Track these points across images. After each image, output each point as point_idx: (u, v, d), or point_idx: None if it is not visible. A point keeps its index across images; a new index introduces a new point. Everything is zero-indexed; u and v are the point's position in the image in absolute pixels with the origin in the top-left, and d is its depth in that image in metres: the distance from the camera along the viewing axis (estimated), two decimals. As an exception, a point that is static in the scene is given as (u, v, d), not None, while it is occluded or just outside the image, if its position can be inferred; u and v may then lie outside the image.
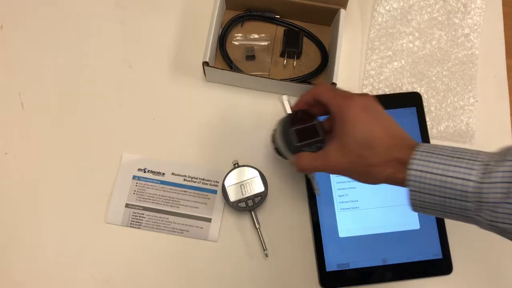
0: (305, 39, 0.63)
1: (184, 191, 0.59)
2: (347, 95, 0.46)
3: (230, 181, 0.56)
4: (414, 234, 0.57)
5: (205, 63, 0.57)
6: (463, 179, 0.37)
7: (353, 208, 0.58)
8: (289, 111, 0.58)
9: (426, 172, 0.39)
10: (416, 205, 0.41)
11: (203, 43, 0.59)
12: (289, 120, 0.49)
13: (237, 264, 0.57)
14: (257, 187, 0.56)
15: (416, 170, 0.39)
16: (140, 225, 0.58)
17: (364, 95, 0.46)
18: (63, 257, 0.57)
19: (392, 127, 0.44)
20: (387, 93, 0.63)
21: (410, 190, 0.40)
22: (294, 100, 0.57)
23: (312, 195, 0.58)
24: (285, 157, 0.52)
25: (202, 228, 0.58)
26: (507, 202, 0.36)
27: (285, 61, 0.63)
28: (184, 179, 0.59)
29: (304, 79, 0.62)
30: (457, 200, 0.38)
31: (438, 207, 0.40)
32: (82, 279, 0.56)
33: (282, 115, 0.61)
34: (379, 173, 0.42)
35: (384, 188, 0.57)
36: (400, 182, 0.41)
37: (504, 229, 0.37)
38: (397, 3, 0.66)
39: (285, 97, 0.59)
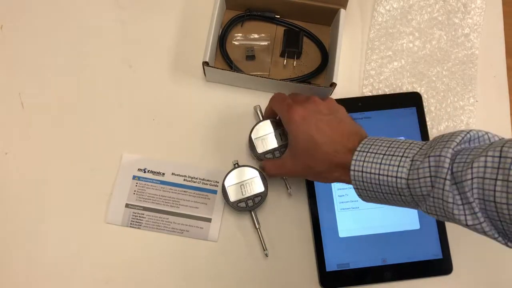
0: (305, 39, 0.63)
1: (184, 191, 0.59)
2: (290, 105, 0.49)
3: (230, 181, 0.56)
4: (414, 234, 0.57)
5: (205, 63, 0.57)
6: (395, 177, 0.40)
7: (353, 208, 0.58)
8: (261, 119, 0.59)
9: (364, 172, 0.42)
10: (363, 199, 0.45)
11: (203, 43, 0.59)
12: (253, 130, 0.57)
13: (237, 264, 0.57)
14: (257, 187, 0.56)
15: (354, 170, 0.42)
16: (140, 225, 0.58)
17: (306, 100, 0.49)
18: (63, 257, 0.57)
19: (332, 132, 0.46)
20: (387, 93, 0.63)
21: (355, 188, 0.43)
22: (264, 109, 0.60)
23: (312, 195, 0.58)
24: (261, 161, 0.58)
25: (202, 228, 0.58)
26: (432, 196, 0.38)
27: (285, 61, 0.63)
28: (184, 179, 0.59)
29: (304, 79, 0.62)
30: (396, 195, 0.41)
31: (383, 200, 0.43)
32: (82, 279, 0.56)
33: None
34: (328, 177, 0.47)
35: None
36: (348, 182, 0.44)
37: (437, 218, 0.40)
38: (397, 3, 0.66)
39: (257, 107, 0.59)
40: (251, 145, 0.57)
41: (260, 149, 0.57)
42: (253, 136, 0.57)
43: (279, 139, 0.57)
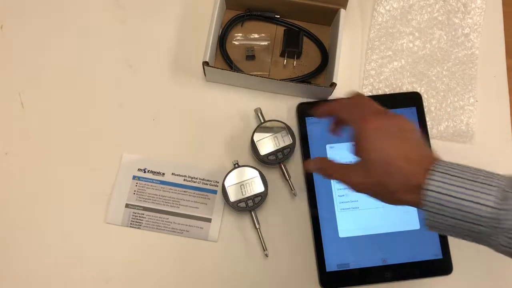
0: (305, 39, 0.63)
1: (184, 191, 0.59)
2: (362, 116, 0.45)
3: (230, 181, 0.56)
4: (414, 234, 0.57)
5: (205, 63, 0.57)
6: (480, 204, 0.38)
7: (353, 208, 0.58)
8: (262, 121, 0.59)
9: (443, 194, 0.39)
10: (431, 225, 0.41)
11: (203, 43, 0.59)
12: (255, 132, 0.57)
13: (237, 264, 0.57)
14: (257, 187, 0.56)
15: (432, 191, 0.39)
16: (140, 225, 0.58)
17: (380, 113, 0.46)
18: (63, 257, 0.57)
19: (408, 150, 0.42)
20: (387, 93, 0.63)
21: (427, 211, 0.40)
22: (265, 110, 0.60)
23: (312, 195, 0.58)
24: (265, 163, 0.58)
25: (202, 228, 0.58)
26: None
27: (285, 61, 0.63)
28: (184, 179, 0.59)
29: (304, 79, 0.62)
30: (472, 224, 0.39)
31: (452, 229, 0.40)
32: (82, 279, 0.56)
33: (282, 116, 0.62)
34: (401, 199, 0.42)
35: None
36: (420, 205, 0.41)
37: None
38: (397, 3, 0.66)
39: (258, 109, 0.59)
40: (253, 147, 0.57)
41: (262, 151, 0.57)
42: (255, 139, 0.57)
43: (281, 141, 0.57)
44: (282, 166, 0.58)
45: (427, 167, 0.40)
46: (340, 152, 0.59)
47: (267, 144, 0.57)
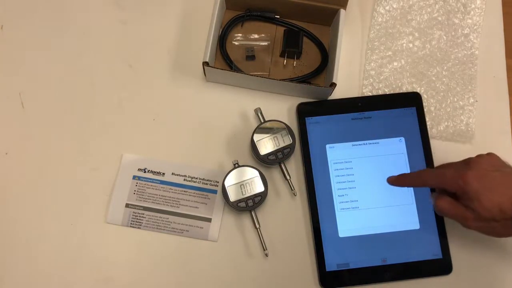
0: (305, 39, 0.63)
1: (184, 191, 0.59)
2: (458, 175, 0.47)
3: (230, 181, 0.56)
4: (414, 234, 0.58)
5: (205, 63, 0.57)
6: None
7: (353, 208, 0.58)
8: (262, 121, 0.59)
9: None
10: None
11: (203, 43, 0.59)
12: (255, 133, 0.57)
13: (237, 264, 0.57)
14: (257, 187, 0.56)
15: None
16: (140, 225, 0.58)
17: (471, 162, 0.48)
18: (63, 257, 0.57)
19: (511, 189, 0.45)
20: (387, 93, 0.63)
21: None
22: (265, 110, 0.60)
23: (312, 195, 0.58)
24: (265, 163, 0.58)
25: (202, 228, 0.58)
26: None
27: (285, 61, 0.63)
28: (184, 179, 0.59)
29: (304, 79, 0.62)
30: None
31: None
32: (82, 279, 0.56)
33: (283, 116, 0.62)
34: (507, 235, 0.48)
35: (384, 188, 0.57)
36: None
37: None
38: (397, 3, 0.66)
39: (258, 109, 0.60)
40: (254, 147, 0.57)
41: (262, 151, 0.57)
42: (255, 139, 0.57)
43: (281, 141, 0.57)
44: (282, 166, 0.58)
45: None
46: (340, 152, 0.59)
47: (267, 144, 0.57)
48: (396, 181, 0.53)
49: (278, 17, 0.64)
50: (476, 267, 0.58)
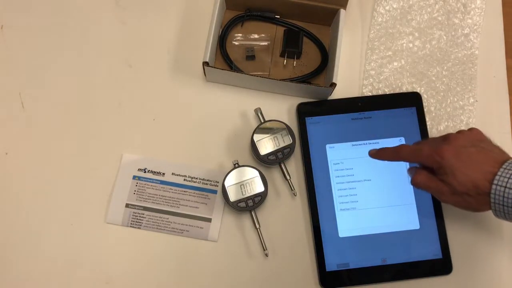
0: (305, 39, 0.63)
1: (184, 191, 0.59)
2: (435, 150, 0.48)
3: (230, 181, 0.56)
4: (414, 234, 0.58)
5: (205, 63, 0.57)
6: None
7: (353, 208, 0.58)
8: (262, 121, 0.59)
9: (508, 187, 0.43)
10: (498, 215, 0.46)
11: (203, 43, 0.59)
12: (255, 133, 0.57)
13: (237, 264, 0.57)
14: (257, 187, 0.56)
15: (497, 185, 0.44)
16: (140, 225, 0.58)
17: (449, 138, 0.49)
18: (63, 257, 0.57)
19: (486, 165, 0.46)
20: (387, 93, 0.63)
21: (492, 202, 0.45)
22: (265, 110, 0.59)
23: (312, 195, 0.58)
24: (265, 163, 0.58)
25: (202, 228, 0.58)
26: None
27: (285, 61, 0.63)
28: (184, 179, 0.59)
29: (304, 79, 0.62)
30: None
31: None
32: (82, 279, 0.56)
33: (283, 116, 0.62)
34: (482, 210, 0.48)
35: (384, 188, 0.57)
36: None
37: None
38: (397, 3, 0.66)
39: (258, 109, 0.59)
40: (254, 147, 0.57)
41: (262, 151, 0.57)
42: (255, 139, 0.57)
43: (281, 141, 0.57)
44: (282, 166, 0.58)
45: (495, 170, 0.44)
46: (340, 152, 0.59)
47: (267, 144, 0.57)
48: (375, 154, 0.54)
49: (278, 17, 0.64)
50: (476, 267, 0.58)
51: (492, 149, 0.48)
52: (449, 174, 0.46)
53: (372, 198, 0.58)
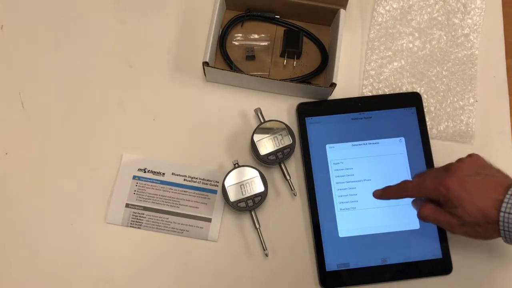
0: (305, 39, 0.63)
1: (184, 191, 0.59)
2: (439, 181, 0.47)
3: (230, 181, 0.56)
4: (414, 234, 0.58)
5: (205, 63, 0.57)
6: None
7: (353, 208, 0.58)
8: (262, 121, 0.59)
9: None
10: (508, 241, 0.46)
11: (203, 43, 0.59)
12: (255, 133, 0.57)
13: (237, 264, 0.57)
14: (257, 187, 0.56)
15: (505, 212, 0.44)
16: (140, 225, 0.58)
17: (451, 168, 0.48)
18: (63, 257, 0.57)
19: (492, 193, 0.45)
20: (387, 93, 0.63)
21: (501, 229, 0.44)
22: (265, 110, 0.59)
23: (312, 195, 0.58)
24: (265, 163, 0.58)
25: (202, 228, 0.58)
26: None
27: (285, 61, 0.63)
28: (184, 179, 0.59)
29: (304, 79, 0.62)
30: None
31: None
32: (82, 279, 0.56)
33: (282, 116, 0.62)
34: (491, 238, 0.47)
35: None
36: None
37: None
38: (397, 3, 0.66)
39: (258, 109, 0.59)
40: (254, 147, 0.57)
41: (262, 151, 0.57)
42: (255, 139, 0.57)
43: (281, 141, 0.57)
44: (282, 166, 0.58)
45: (500, 197, 0.44)
46: (340, 152, 0.59)
47: (267, 144, 0.57)
48: (380, 195, 0.54)
49: (278, 17, 0.64)
50: (476, 267, 0.58)
51: (495, 174, 0.47)
52: (457, 207, 0.46)
53: (372, 198, 0.58)
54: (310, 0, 0.61)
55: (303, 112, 0.61)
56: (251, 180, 0.56)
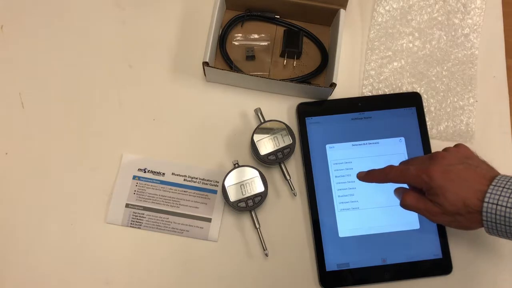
0: (305, 39, 0.63)
1: (184, 191, 0.59)
2: (422, 169, 0.47)
3: (230, 181, 0.56)
4: (414, 234, 0.58)
5: (205, 63, 0.57)
6: None
7: (353, 208, 0.58)
8: (262, 121, 0.59)
9: (499, 205, 0.43)
10: (490, 233, 0.45)
11: (203, 43, 0.59)
12: (255, 133, 0.57)
13: (237, 264, 0.57)
14: (257, 187, 0.56)
15: (488, 203, 0.43)
16: (140, 225, 0.58)
17: (436, 157, 0.48)
18: (63, 257, 0.57)
19: (475, 183, 0.45)
20: (387, 93, 0.63)
21: (484, 220, 0.44)
22: (265, 110, 0.59)
23: (312, 195, 0.58)
24: (265, 163, 0.58)
25: (202, 228, 0.58)
26: None
27: (285, 61, 0.63)
28: (184, 179, 0.59)
29: (304, 79, 0.62)
30: None
31: (509, 235, 0.44)
32: (82, 279, 0.56)
33: (282, 116, 0.62)
34: (473, 228, 0.47)
35: (384, 188, 0.57)
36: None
37: None
38: (397, 3, 0.66)
39: (258, 109, 0.59)
40: (254, 147, 0.57)
41: (262, 151, 0.57)
42: (255, 139, 0.57)
43: (281, 141, 0.57)
44: (282, 166, 0.58)
45: (484, 188, 0.44)
46: (340, 152, 0.59)
47: (267, 144, 0.57)
48: (364, 177, 0.54)
49: (278, 17, 0.64)
50: (476, 267, 0.58)
51: (480, 165, 0.47)
52: (439, 195, 0.46)
53: (372, 198, 0.58)
54: (310, 0, 0.61)
55: (303, 112, 0.61)
56: (251, 180, 0.56)
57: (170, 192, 0.59)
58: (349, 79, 0.64)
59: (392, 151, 0.60)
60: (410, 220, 0.58)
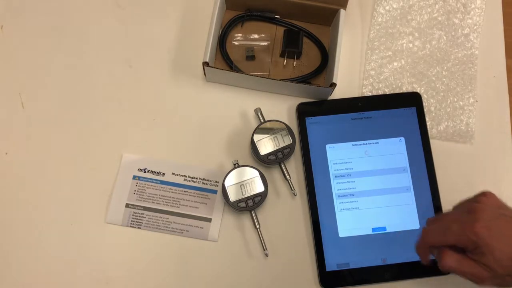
0: (305, 39, 0.63)
1: (184, 191, 0.59)
2: (467, 225, 0.43)
3: (230, 181, 0.56)
4: (414, 234, 0.57)
5: (205, 63, 0.57)
6: None
7: (353, 208, 0.58)
8: (262, 121, 0.59)
9: None
10: None
11: (203, 43, 0.59)
12: (255, 133, 0.57)
13: (237, 264, 0.57)
14: (257, 187, 0.56)
15: None
16: (140, 225, 0.58)
17: (475, 211, 0.44)
18: (63, 257, 0.57)
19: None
20: (387, 93, 0.63)
21: None
22: (265, 110, 0.59)
23: (312, 195, 0.58)
24: (265, 163, 0.58)
25: (202, 228, 0.58)
26: None
27: (285, 61, 0.63)
28: (184, 179, 0.59)
29: (304, 79, 0.62)
30: None
31: None
32: (82, 279, 0.56)
33: (282, 116, 0.62)
34: None
35: (384, 188, 0.57)
36: None
37: None
38: (397, 3, 0.66)
39: (258, 110, 0.59)
40: (254, 147, 0.57)
41: (262, 151, 0.57)
42: (255, 139, 0.57)
43: (281, 141, 0.57)
44: (282, 166, 0.58)
45: None
46: (340, 152, 0.59)
47: (267, 144, 0.57)
48: (417, 250, 0.50)
49: (278, 17, 0.64)
50: (476, 267, 0.58)
51: None
52: (486, 254, 0.42)
53: (372, 198, 0.58)
54: (310, 0, 0.61)
55: (303, 112, 0.61)
56: (251, 180, 0.56)
57: (170, 192, 0.59)
58: (349, 79, 0.64)
59: (392, 151, 0.60)
60: (410, 220, 0.58)
